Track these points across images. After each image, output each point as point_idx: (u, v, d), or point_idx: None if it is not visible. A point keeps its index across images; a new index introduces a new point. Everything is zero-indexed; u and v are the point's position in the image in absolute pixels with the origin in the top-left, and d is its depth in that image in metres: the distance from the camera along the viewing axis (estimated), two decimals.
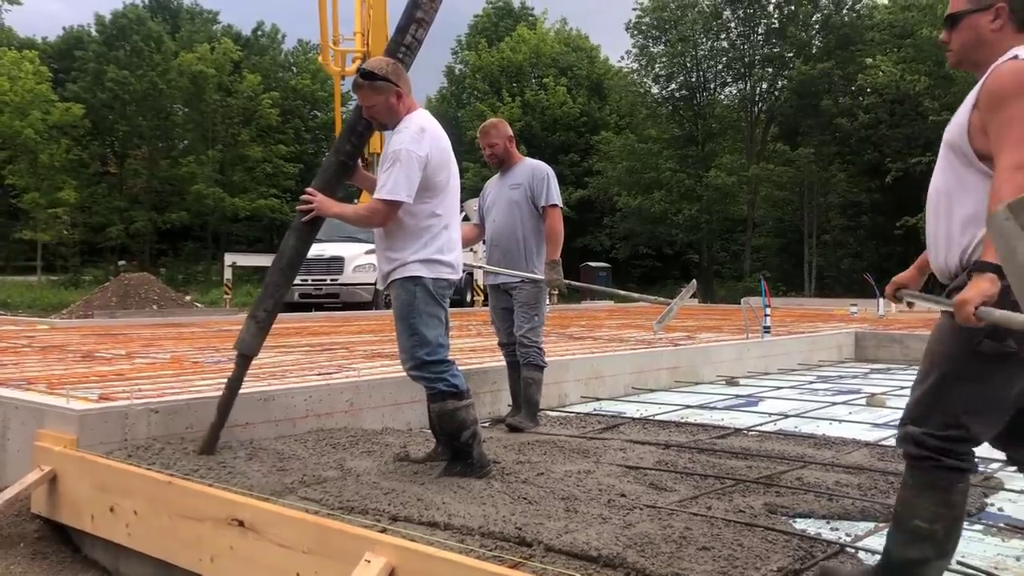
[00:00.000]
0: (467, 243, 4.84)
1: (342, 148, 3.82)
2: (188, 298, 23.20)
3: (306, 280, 16.74)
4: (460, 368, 3.76)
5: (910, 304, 2.64)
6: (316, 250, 16.21)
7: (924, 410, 2.20)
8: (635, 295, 6.19)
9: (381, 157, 3.65)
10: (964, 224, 2.18)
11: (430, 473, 3.61)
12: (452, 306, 3.83)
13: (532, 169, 5.03)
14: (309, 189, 3.70)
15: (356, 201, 12.56)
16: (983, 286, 1.98)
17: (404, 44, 3.74)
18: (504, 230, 4.99)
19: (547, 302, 5.10)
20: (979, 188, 2.15)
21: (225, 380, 3.80)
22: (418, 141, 3.53)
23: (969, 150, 2.19)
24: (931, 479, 2.16)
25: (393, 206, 3.51)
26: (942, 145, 2.28)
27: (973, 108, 2.17)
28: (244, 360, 3.78)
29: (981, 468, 3.92)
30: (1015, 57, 2.15)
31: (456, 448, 3.61)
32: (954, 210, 2.20)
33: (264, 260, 28.27)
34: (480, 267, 5.29)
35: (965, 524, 2.98)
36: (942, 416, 2.16)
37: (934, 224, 2.28)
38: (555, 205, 4.98)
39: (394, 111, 3.61)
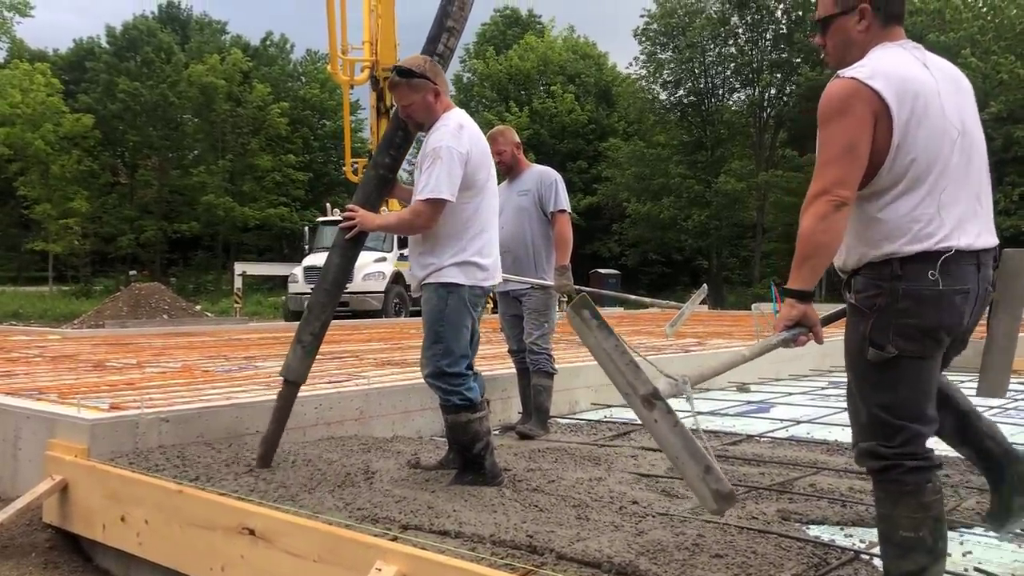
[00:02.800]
0: None
1: (381, 162, 3.72)
2: (198, 307, 23.28)
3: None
4: None
5: None
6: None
7: (866, 426, 2.23)
8: (647, 299, 6.18)
9: (419, 157, 3.56)
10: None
11: (441, 481, 3.60)
12: None
13: (540, 175, 5.03)
14: (350, 205, 3.63)
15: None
16: (785, 311, 2.25)
17: (436, 53, 3.66)
18: (513, 237, 4.98)
19: (557, 308, 5.09)
20: None
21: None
22: (458, 137, 3.45)
23: None
24: (900, 488, 2.16)
25: (437, 205, 3.40)
26: None
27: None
28: (292, 387, 3.65)
29: None
30: (838, 76, 2.17)
31: (468, 458, 3.57)
32: None
33: (274, 269, 28.34)
34: None
35: (981, 531, 2.97)
36: (882, 426, 2.18)
37: None
38: (564, 211, 4.96)
39: (431, 109, 3.55)
